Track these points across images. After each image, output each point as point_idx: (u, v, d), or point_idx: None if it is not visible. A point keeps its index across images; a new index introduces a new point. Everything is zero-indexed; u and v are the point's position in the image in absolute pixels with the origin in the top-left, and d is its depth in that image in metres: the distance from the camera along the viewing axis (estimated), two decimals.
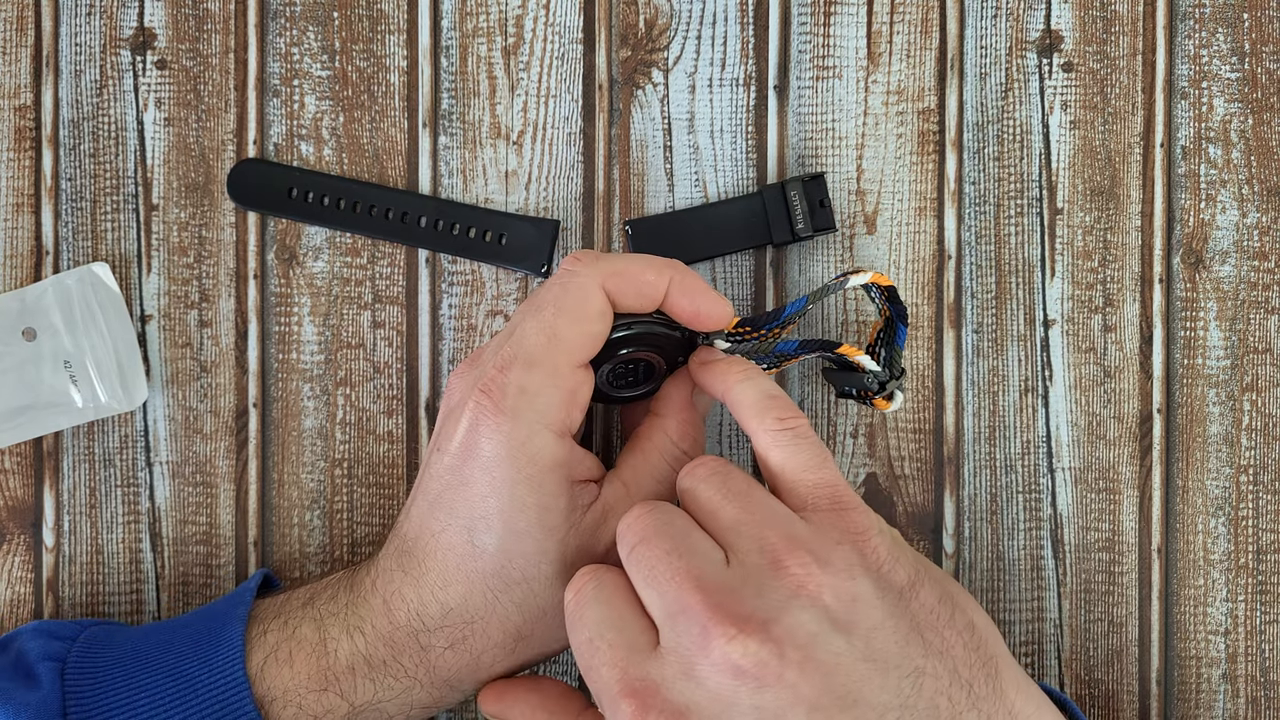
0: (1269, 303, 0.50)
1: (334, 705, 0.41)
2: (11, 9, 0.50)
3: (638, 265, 0.41)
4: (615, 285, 0.41)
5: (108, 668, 0.41)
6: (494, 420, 0.40)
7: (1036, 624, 0.50)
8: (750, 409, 0.41)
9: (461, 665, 0.41)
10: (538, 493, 0.40)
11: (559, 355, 0.40)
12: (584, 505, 0.42)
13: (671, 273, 0.42)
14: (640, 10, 0.50)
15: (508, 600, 0.40)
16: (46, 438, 0.50)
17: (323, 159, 0.50)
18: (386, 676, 0.41)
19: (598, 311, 0.41)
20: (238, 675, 0.40)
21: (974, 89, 0.50)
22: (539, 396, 0.40)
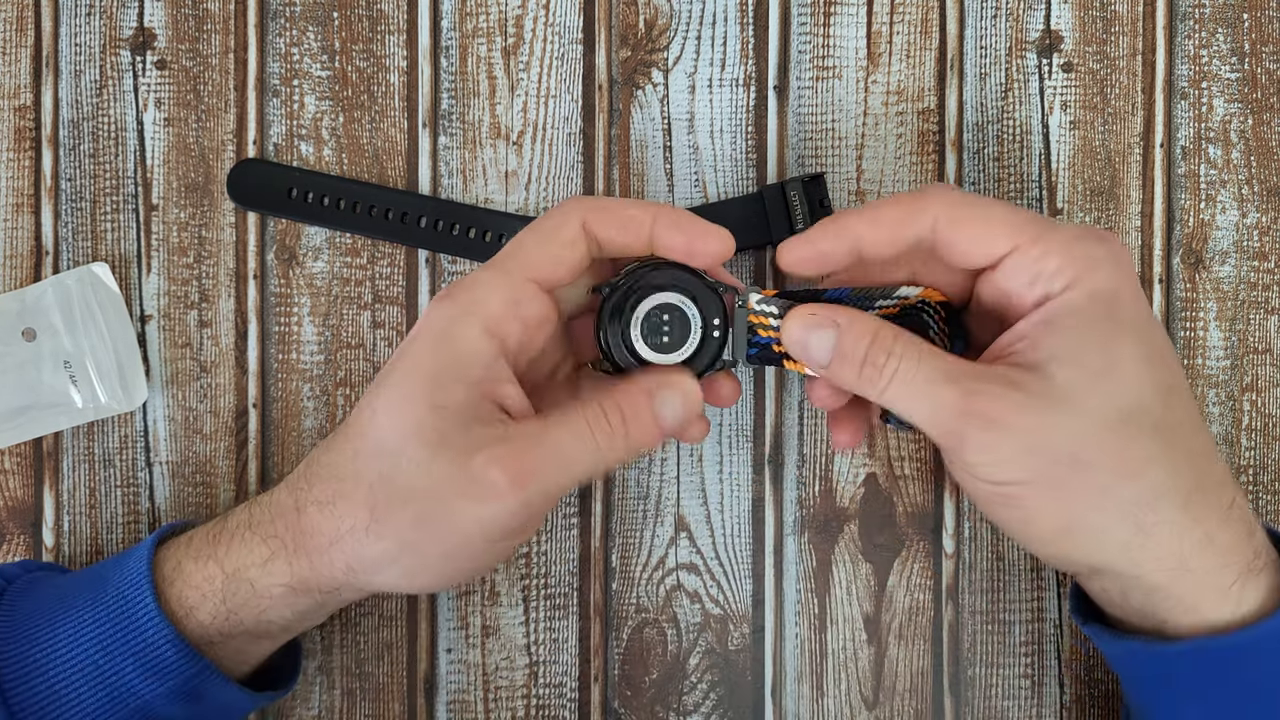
0: (1269, 303, 0.50)
1: (212, 574, 0.41)
2: (11, 9, 0.50)
3: (621, 201, 0.42)
4: (597, 218, 0.41)
5: (43, 588, 0.43)
6: (438, 303, 0.40)
7: (1036, 624, 0.50)
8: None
9: (323, 529, 0.40)
10: (439, 366, 0.39)
11: (514, 261, 0.41)
12: (485, 418, 0.39)
13: (656, 208, 0.41)
14: (640, 10, 0.50)
15: (376, 468, 0.39)
16: (46, 438, 0.50)
17: (322, 159, 0.50)
18: (256, 538, 0.41)
19: (568, 238, 0.41)
20: (141, 566, 0.41)
21: (974, 89, 0.50)
22: (481, 289, 0.40)
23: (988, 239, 0.39)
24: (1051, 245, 0.39)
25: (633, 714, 0.50)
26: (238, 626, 0.42)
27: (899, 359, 0.39)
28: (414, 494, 0.39)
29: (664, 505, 0.50)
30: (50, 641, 0.41)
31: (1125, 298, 0.39)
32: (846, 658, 0.50)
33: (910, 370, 0.39)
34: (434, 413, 0.39)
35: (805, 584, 0.50)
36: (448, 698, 0.50)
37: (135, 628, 0.41)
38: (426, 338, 0.40)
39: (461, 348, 0.40)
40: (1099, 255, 0.39)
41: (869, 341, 0.40)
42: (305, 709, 0.50)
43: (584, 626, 0.50)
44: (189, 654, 0.41)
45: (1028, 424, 0.38)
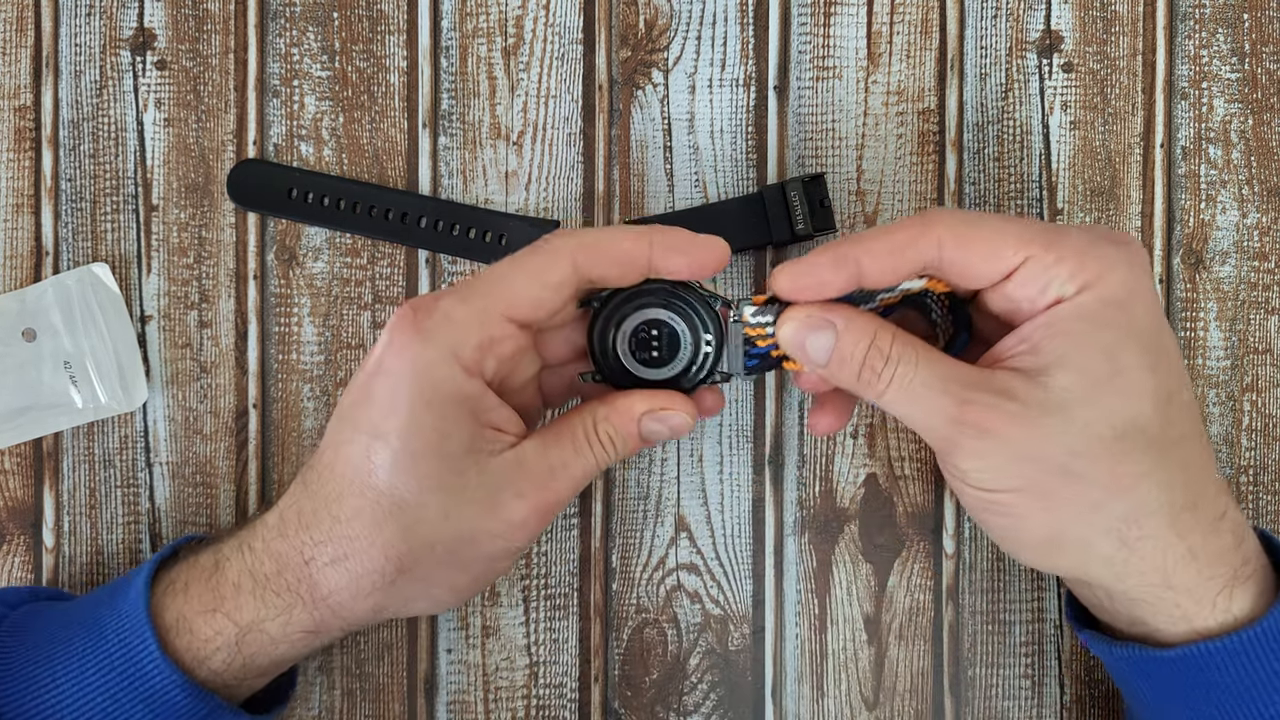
0: (1269, 303, 0.50)
1: (222, 627, 0.41)
2: (11, 9, 0.50)
3: (612, 235, 0.40)
4: (588, 258, 0.40)
5: (36, 630, 0.42)
6: (407, 338, 0.39)
7: (1036, 624, 0.50)
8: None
9: (341, 585, 0.40)
10: (437, 418, 0.39)
11: (496, 300, 0.40)
12: (492, 450, 0.40)
13: (651, 236, 0.40)
14: (640, 10, 0.50)
15: (394, 524, 0.39)
16: (46, 438, 0.50)
17: (323, 159, 0.50)
18: (268, 592, 0.41)
19: (556, 280, 0.40)
20: (139, 616, 0.41)
21: (974, 89, 0.50)
22: (458, 328, 0.39)
23: (999, 252, 0.38)
24: (1065, 251, 0.38)
25: (633, 714, 0.50)
26: (253, 670, 0.42)
27: (895, 363, 0.39)
28: (441, 541, 0.40)
29: (664, 505, 0.50)
30: (52, 688, 0.40)
31: (1138, 302, 0.38)
32: (847, 658, 0.50)
33: (907, 375, 0.39)
34: (445, 462, 0.39)
35: (805, 584, 0.50)
36: (448, 698, 0.50)
37: (141, 675, 0.40)
38: (406, 384, 0.39)
39: (449, 393, 0.39)
40: (1114, 258, 0.38)
41: (867, 344, 0.39)
42: (305, 709, 0.50)
43: (584, 627, 0.50)
44: (199, 694, 0.41)
45: (1020, 434, 0.38)
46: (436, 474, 0.39)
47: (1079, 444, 0.37)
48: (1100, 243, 0.38)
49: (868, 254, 0.39)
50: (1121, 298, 0.38)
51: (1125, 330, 0.38)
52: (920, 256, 0.39)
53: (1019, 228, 0.39)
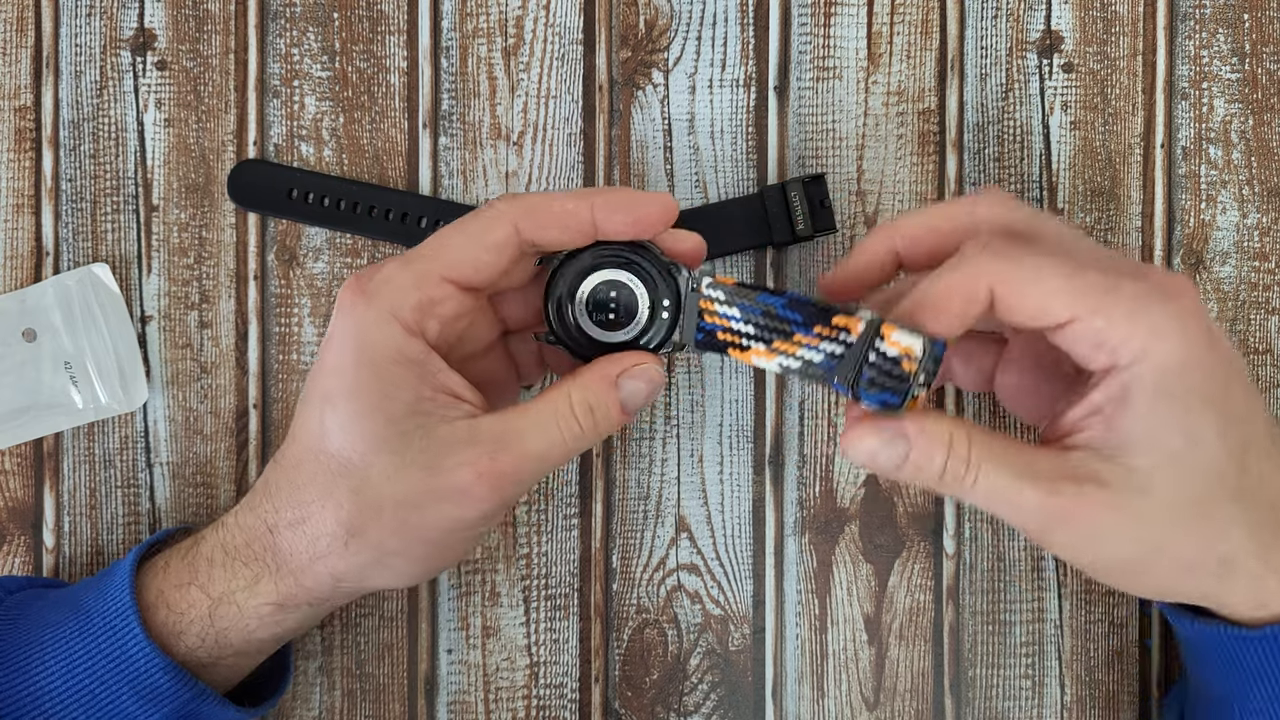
0: (1269, 303, 0.50)
1: (195, 600, 0.41)
2: (11, 9, 0.50)
3: (554, 196, 0.40)
4: (530, 220, 0.40)
5: (28, 615, 0.43)
6: (351, 301, 0.40)
7: (1036, 624, 0.50)
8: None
9: (299, 548, 0.40)
10: (379, 380, 0.39)
11: (435, 263, 0.40)
12: (444, 416, 0.40)
13: (592, 196, 0.40)
14: (640, 11, 0.50)
15: (343, 485, 0.39)
16: (46, 439, 0.50)
17: (323, 160, 0.50)
18: (237, 563, 0.41)
19: (496, 241, 0.40)
20: (125, 600, 0.41)
21: (974, 90, 0.50)
22: (398, 290, 0.39)
23: (1046, 310, 0.38)
24: (1114, 315, 0.37)
25: (633, 714, 0.50)
26: (227, 648, 0.42)
27: (977, 469, 0.38)
28: (388, 504, 0.39)
29: (664, 506, 0.50)
30: (42, 673, 0.41)
31: (1195, 368, 0.37)
32: (847, 658, 0.50)
33: (990, 477, 0.38)
34: (390, 423, 0.39)
35: (806, 584, 0.50)
36: (448, 698, 0.50)
37: (126, 656, 0.41)
38: (350, 346, 0.39)
39: (389, 352, 0.39)
40: (1163, 324, 0.37)
41: (945, 454, 0.38)
42: (305, 709, 0.50)
43: (584, 627, 0.50)
44: (183, 678, 0.41)
45: (1111, 520, 0.38)
46: (380, 434, 0.39)
47: (1169, 519, 0.38)
48: (1149, 305, 0.37)
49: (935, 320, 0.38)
50: (1177, 366, 0.37)
51: (1189, 400, 0.37)
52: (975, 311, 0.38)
53: (1068, 286, 0.37)
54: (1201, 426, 0.38)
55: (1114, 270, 0.38)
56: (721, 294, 0.40)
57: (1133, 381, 0.37)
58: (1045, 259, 0.38)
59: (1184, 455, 0.38)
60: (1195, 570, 0.39)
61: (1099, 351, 0.38)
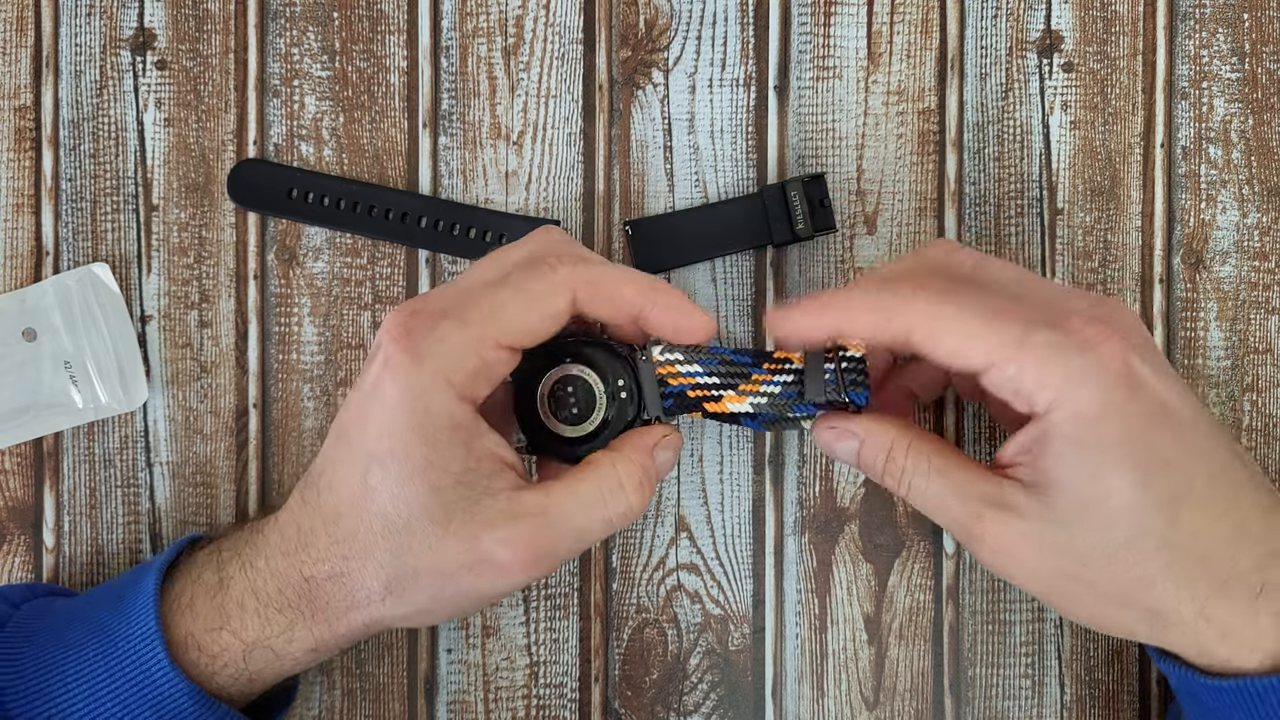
0: (1269, 303, 0.50)
1: (228, 644, 0.41)
2: (11, 9, 0.50)
3: (616, 277, 0.41)
4: (588, 294, 0.40)
5: (43, 632, 0.42)
6: (403, 359, 0.39)
7: (1036, 624, 0.50)
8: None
9: (338, 601, 0.41)
10: (428, 446, 0.39)
11: (494, 327, 0.39)
12: (488, 486, 0.40)
13: (654, 293, 0.41)
14: (640, 10, 0.50)
15: (385, 546, 0.39)
16: (46, 438, 0.50)
17: (323, 159, 0.50)
18: (271, 610, 0.41)
19: (554, 311, 0.40)
20: (150, 625, 0.41)
21: (974, 89, 0.50)
22: (454, 352, 0.39)
23: (962, 354, 0.39)
24: (1025, 366, 0.38)
25: (633, 714, 0.50)
26: (259, 684, 0.42)
27: (910, 474, 0.41)
28: (425, 571, 0.40)
29: (664, 505, 0.50)
30: (64, 695, 0.41)
31: (1114, 414, 0.37)
32: (847, 658, 0.50)
33: (921, 486, 0.41)
34: (435, 493, 0.39)
35: (806, 584, 0.50)
36: (448, 698, 0.50)
37: (151, 682, 0.40)
38: (403, 409, 0.39)
39: (441, 420, 0.39)
40: (1077, 373, 0.37)
41: (884, 456, 0.42)
42: (305, 709, 0.50)
43: (584, 627, 0.50)
44: (208, 704, 0.41)
45: (1030, 552, 0.39)
46: (425, 504, 0.39)
47: (1088, 557, 0.38)
48: (1064, 353, 0.37)
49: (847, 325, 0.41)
50: (1093, 414, 0.37)
51: (1104, 449, 0.37)
52: (890, 338, 0.40)
53: (984, 330, 0.38)
54: (1115, 478, 0.37)
55: (1038, 318, 0.38)
56: (679, 354, 0.42)
57: (1050, 428, 0.38)
58: (972, 304, 0.39)
59: (1098, 505, 0.38)
60: (1125, 609, 0.39)
61: (1018, 398, 0.39)
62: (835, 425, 0.43)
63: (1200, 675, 0.40)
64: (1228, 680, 0.39)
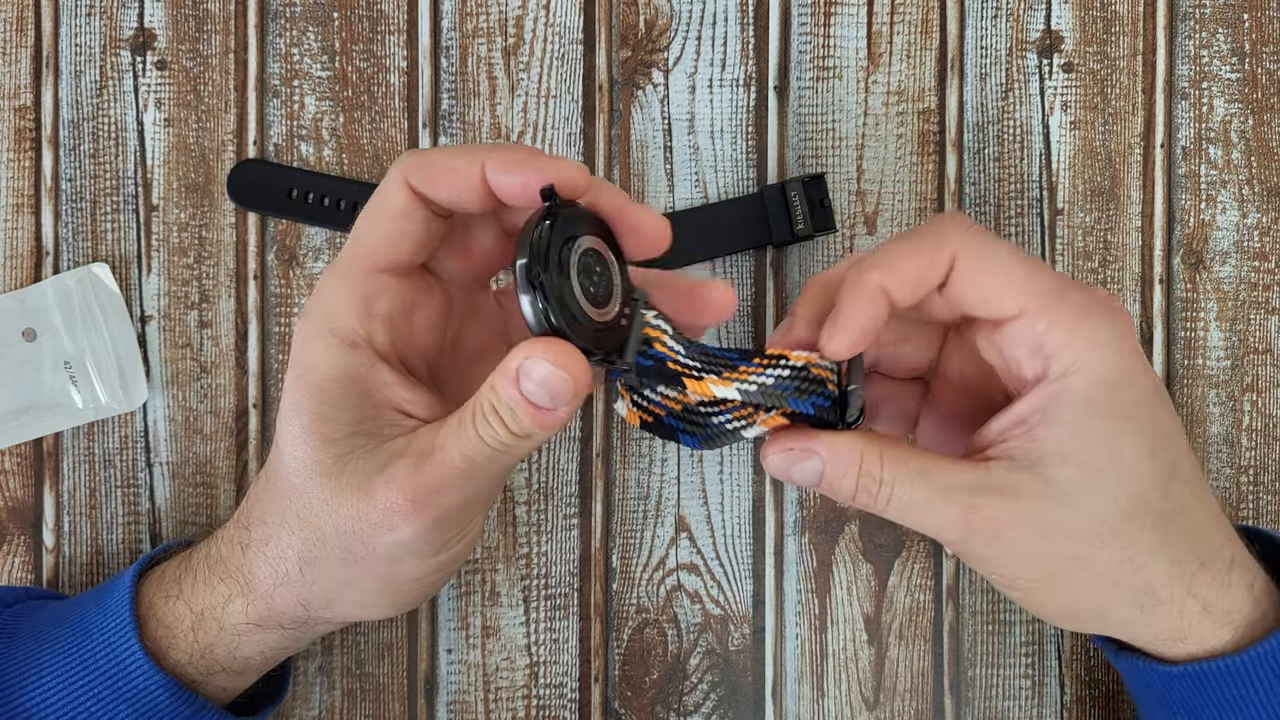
0: (1269, 303, 0.50)
1: (181, 614, 0.41)
2: (11, 9, 0.50)
3: (446, 152, 0.37)
4: (421, 178, 0.36)
5: (26, 628, 0.42)
6: (299, 322, 0.38)
7: (1036, 624, 0.50)
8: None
9: (264, 572, 0.39)
10: (314, 398, 0.37)
11: (354, 257, 0.37)
12: (386, 435, 0.37)
13: (486, 153, 0.36)
14: (640, 11, 0.50)
15: (292, 509, 0.38)
16: (46, 438, 0.50)
17: (323, 159, 0.50)
18: (214, 578, 0.40)
19: (398, 208, 0.37)
20: (124, 617, 0.40)
21: (974, 89, 0.50)
22: (327, 299, 0.37)
23: (998, 296, 0.37)
24: (1057, 319, 0.37)
25: (633, 714, 0.50)
26: (214, 664, 0.41)
27: (890, 485, 0.37)
28: (330, 532, 0.38)
29: (664, 506, 0.50)
30: (38, 688, 0.40)
31: (1130, 384, 0.37)
32: (847, 658, 0.50)
33: (905, 493, 0.37)
34: (326, 446, 0.37)
35: (806, 584, 0.50)
36: (448, 698, 0.50)
37: (124, 674, 0.40)
38: (294, 366, 0.37)
39: (326, 371, 0.37)
40: (1104, 337, 0.37)
41: (855, 473, 0.38)
42: (305, 709, 0.50)
43: (584, 627, 0.50)
44: (182, 694, 0.40)
45: (1029, 534, 0.37)
46: (316, 459, 0.37)
47: (1087, 534, 0.37)
48: (1093, 316, 0.37)
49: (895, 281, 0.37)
50: (1113, 379, 0.37)
51: (1120, 415, 0.37)
52: (934, 278, 0.38)
53: (1024, 274, 0.37)
54: (1127, 445, 0.37)
55: (1065, 280, 0.38)
56: (667, 326, 0.38)
57: (1061, 393, 0.37)
58: (1009, 252, 0.38)
59: (1105, 472, 0.37)
60: (1116, 593, 0.39)
61: (1034, 358, 0.37)
62: (792, 445, 0.38)
63: (1165, 665, 0.40)
64: (1196, 665, 0.39)
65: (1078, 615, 0.40)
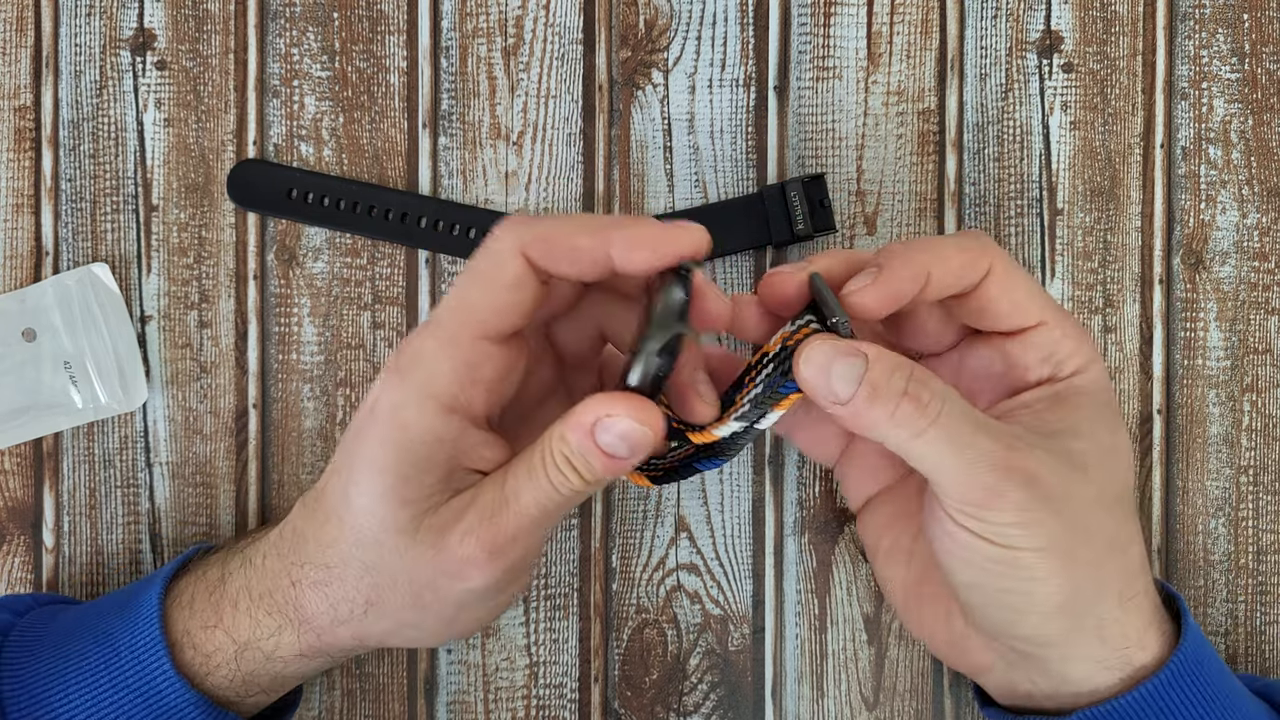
0: (1269, 303, 0.50)
1: (222, 643, 0.41)
2: (11, 9, 0.50)
3: (567, 228, 0.37)
4: (540, 251, 0.36)
5: (45, 641, 0.42)
6: (390, 378, 0.38)
7: None
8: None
9: (321, 610, 0.40)
10: (401, 460, 0.37)
11: (460, 322, 0.37)
12: (458, 488, 0.39)
13: (611, 230, 0.36)
14: (640, 10, 0.50)
15: (362, 557, 0.39)
16: (46, 438, 0.50)
17: (323, 159, 0.50)
18: (260, 611, 0.41)
19: (512, 279, 0.37)
20: (154, 634, 0.41)
21: (974, 89, 0.50)
22: (429, 362, 0.37)
23: (1027, 307, 0.40)
24: (1069, 331, 0.41)
25: (633, 714, 0.50)
26: (254, 687, 0.42)
27: (942, 400, 0.36)
28: (401, 580, 0.39)
29: (664, 506, 0.50)
30: (64, 706, 0.40)
31: (1110, 390, 0.42)
32: (847, 658, 0.50)
33: (954, 413, 0.36)
34: (405, 506, 0.38)
35: (805, 584, 0.50)
36: (448, 698, 0.50)
37: (156, 692, 0.40)
38: (382, 426, 0.38)
39: (420, 437, 0.37)
40: (1093, 350, 0.41)
41: (907, 374, 0.36)
42: (305, 709, 0.50)
43: (584, 627, 0.50)
44: (214, 713, 0.41)
45: (1059, 487, 0.37)
46: (394, 517, 0.38)
47: (1097, 503, 0.39)
48: (1087, 335, 0.42)
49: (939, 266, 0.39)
50: (1104, 384, 0.41)
51: (1115, 414, 0.41)
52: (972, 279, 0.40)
53: (1042, 294, 0.41)
54: (1120, 437, 0.41)
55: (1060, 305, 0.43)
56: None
57: (1073, 387, 0.41)
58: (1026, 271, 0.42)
59: (1110, 453, 0.40)
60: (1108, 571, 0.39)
61: (1045, 363, 0.41)
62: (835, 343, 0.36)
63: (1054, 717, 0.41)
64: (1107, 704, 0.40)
65: (1068, 605, 0.38)
